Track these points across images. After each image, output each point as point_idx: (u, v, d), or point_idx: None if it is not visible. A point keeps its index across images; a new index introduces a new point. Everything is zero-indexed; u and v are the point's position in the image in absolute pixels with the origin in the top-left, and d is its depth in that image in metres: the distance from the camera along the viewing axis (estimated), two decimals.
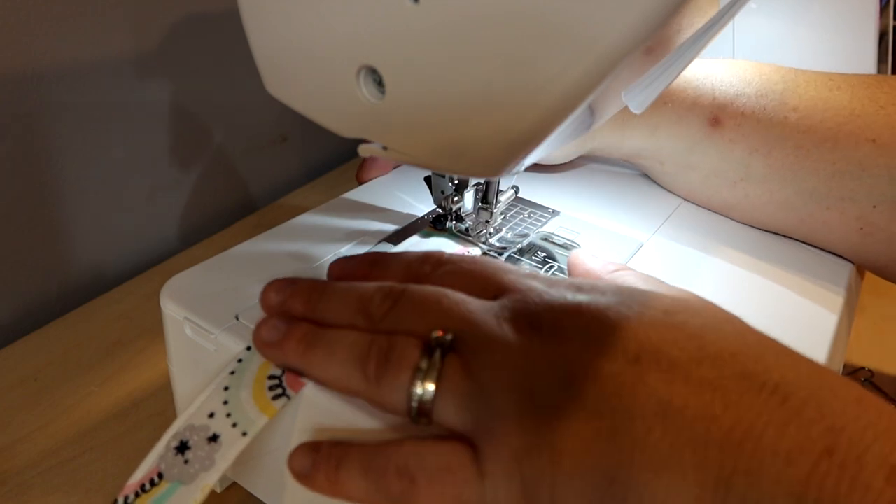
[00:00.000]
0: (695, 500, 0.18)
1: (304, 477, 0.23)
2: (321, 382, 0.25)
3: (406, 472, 0.21)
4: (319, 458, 0.23)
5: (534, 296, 0.23)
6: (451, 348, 0.22)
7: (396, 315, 0.24)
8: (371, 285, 0.25)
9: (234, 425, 0.24)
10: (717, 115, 0.39)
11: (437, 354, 0.22)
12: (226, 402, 0.25)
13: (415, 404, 0.22)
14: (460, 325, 0.23)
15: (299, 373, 0.25)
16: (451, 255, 0.27)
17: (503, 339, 0.22)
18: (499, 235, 0.37)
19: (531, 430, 0.20)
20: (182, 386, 0.32)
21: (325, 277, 0.33)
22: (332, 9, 0.23)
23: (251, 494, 0.33)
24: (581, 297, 0.23)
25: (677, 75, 0.26)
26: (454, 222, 0.36)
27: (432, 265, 0.26)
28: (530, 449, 0.20)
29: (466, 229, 0.36)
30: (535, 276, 0.25)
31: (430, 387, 0.22)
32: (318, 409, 0.26)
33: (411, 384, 0.22)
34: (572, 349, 0.21)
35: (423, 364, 0.22)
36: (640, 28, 0.19)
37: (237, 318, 0.29)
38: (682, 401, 0.19)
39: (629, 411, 0.19)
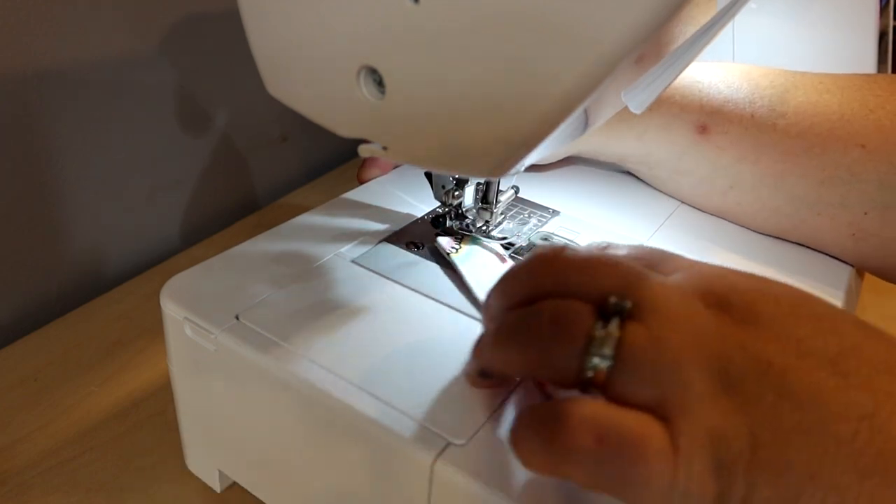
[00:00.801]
0: None
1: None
2: (503, 373, 0.24)
3: (592, 428, 0.19)
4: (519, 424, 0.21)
5: (715, 276, 0.22)
6: (629, 316, 0.21)
7: (563, 277, 0.22)
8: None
9: None
10: (704, 123, 0.39)
11: (616, 321, 0.20)
12: None
13: (590, 374, 0.20)
14: (640, 292, 0.21)
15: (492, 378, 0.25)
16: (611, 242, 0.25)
17: (692, 313, 0.20)
18: (500, 227, 0.37)
19: (728, 414, 0.19)
20: (182, 386, 0.32)
21: (324, 276, 0.33)
22: (332, 9, 0.23)
23: (251, 494, 0.33)
24: (768, 286, 0.21)
25: (677, 75, 0.26)
26: (455, 220, 0.36)
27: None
28: (727, 432, 0.19)
29: (467, 225, 0.36)
30: (703, 263, 0.23)
31: (609, 355, 0.20)
32: (313, 402, 0.27)
33: (586, 352, 0.20)
34: (769, 336, 0.20)
35: (599, 330, 0.20)
36: (639, 29, 0.19)
37: (237, 318, 0.29)
38: (889, 412, 0.18)
39: (833, 411, 0.18)
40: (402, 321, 0.30)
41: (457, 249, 0.34)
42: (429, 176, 0.36)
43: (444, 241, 0.35)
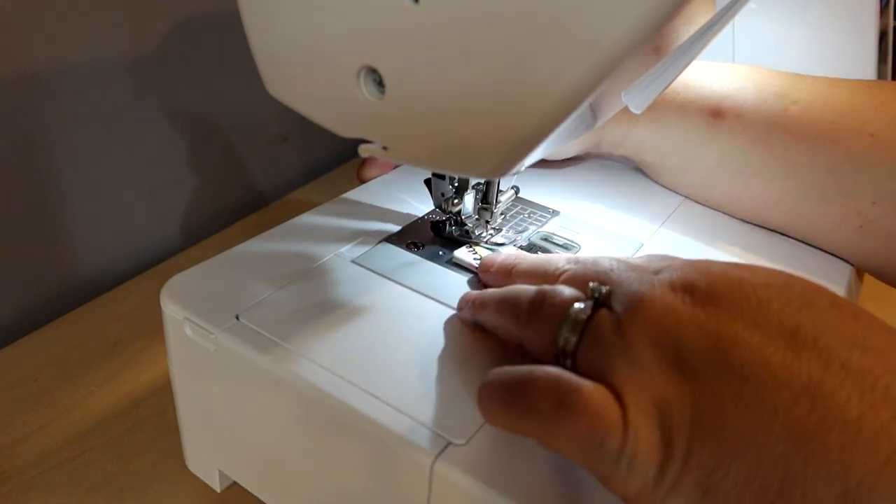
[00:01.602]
0: (837, 480, 0.18)
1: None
2: (488, 326, 0.29)
3: (554, 391, 0.21)
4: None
5: (693, 266, 0.23)
6: (604, 303, 0.23)
7: (565, 279, 0.26)
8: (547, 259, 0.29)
9: None
10: (718, 108, 0.39)
11: (590, 304, 0.23)
12: None
13: (560, 344, 0.23)
14: (618, 284, 0.24)
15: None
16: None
17: (656, 298, 0.22)
18: (500, 234, 0.37)
19: (675, 386, 0.20)
20: (182, 386, 0.32)
21: (324, 276, 0.33)
22: (332, 9, 0.23)
23: (251, 494, 0.33)
24: (741, 271, 0.23)
25: (677, 76, 0.26)
26: (454, 227, 0.36)
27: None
28: (671, 404, 0.20)
29: (467, 231, 0.36)
30: (696, 260, 0.25)
31: (576, 331, 0.23)
32: (312, 402, 0.27)
33: (560, 325, 0.23)
34: (725, 315, 0.21)
35: (574, 309, 0.23)
36: (640, 28, 0.19)
37: (237, 318, 0.29)
38: (835, 384, 0.19)
39: (776, 381, 0.19)
40: (402, 321, 0.30)
41: (480, 258, 0.34)
42: (428, 184, 0.36)
43: (463, 254, 0.34)
